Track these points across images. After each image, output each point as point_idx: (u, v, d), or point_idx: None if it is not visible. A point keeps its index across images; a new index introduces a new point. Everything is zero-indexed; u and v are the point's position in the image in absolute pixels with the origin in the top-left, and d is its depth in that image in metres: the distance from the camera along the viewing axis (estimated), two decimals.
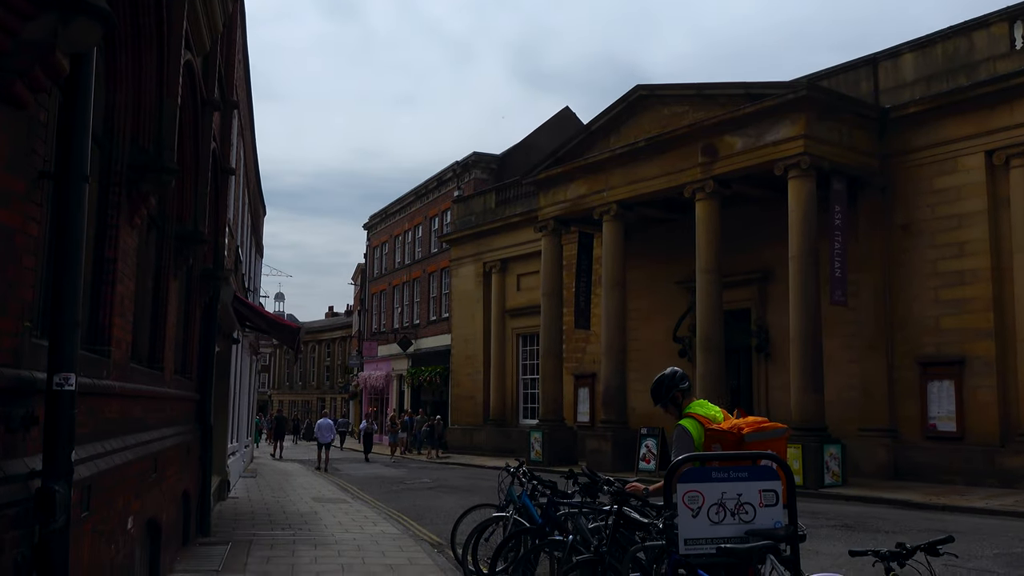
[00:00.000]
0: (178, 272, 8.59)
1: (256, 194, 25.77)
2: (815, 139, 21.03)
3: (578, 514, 7.49)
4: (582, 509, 7.59)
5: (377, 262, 53.06)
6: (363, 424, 38.36)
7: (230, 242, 14.68)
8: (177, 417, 9.36)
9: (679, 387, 6.27)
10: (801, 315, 20.80)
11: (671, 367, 6.55)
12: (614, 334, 25.95)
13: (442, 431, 35.97)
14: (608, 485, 6.52)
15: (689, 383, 6.32)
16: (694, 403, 6.20)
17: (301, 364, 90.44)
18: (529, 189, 34.17)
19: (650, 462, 23.77)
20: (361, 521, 13.77)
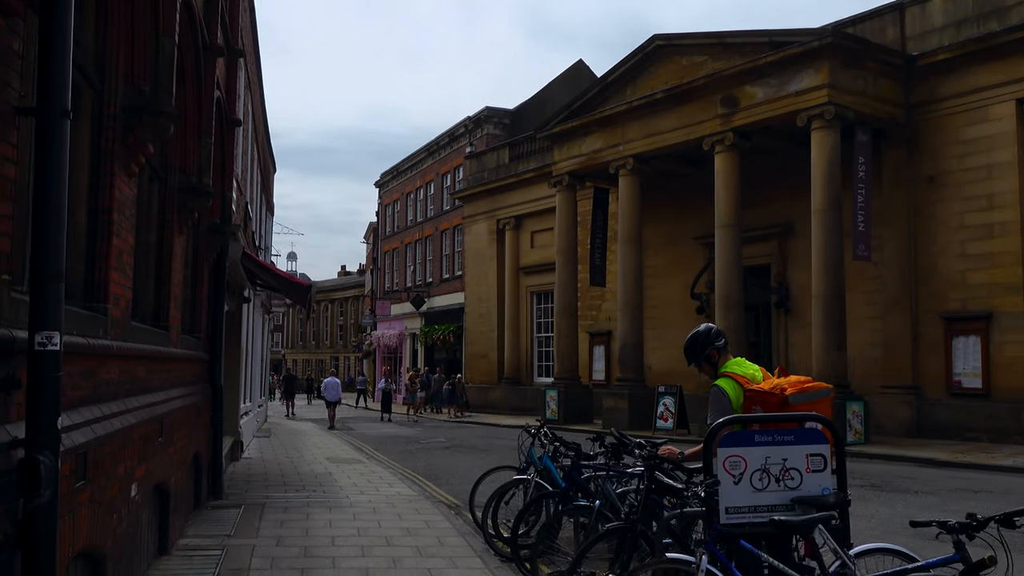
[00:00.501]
0: (183, 227, 8.20)
1: (265, 150, 25.31)
2: (839, 88, 20.37)
3: (605, 478, 7.13)
4: (609, 472, 7.23)
5: (389, 220, 52.61)
6: (381, 383, 37.57)
7: (239, 198, 14.27)
8: (185, 378, 9.03)
9: (714, 344, 5.85)
10: (824, 270, 20.31)
11: (706, 323, 6.12)
12: (630, 291, 25.52)
13: (463, 390, 35.47)
14: (640, 448, 6.13)
15: (725, 340, 5.88)
16: (731, 362, 5.78)
17: (314, 323, 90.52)
18: (543, 144, 33.53)
19: (668, 420, 23.47)
20: (376, 482, 13.51)
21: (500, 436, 24.09)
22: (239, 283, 14.70)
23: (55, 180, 3.45)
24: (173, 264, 7.90)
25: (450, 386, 35.22)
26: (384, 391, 34.96)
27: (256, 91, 19.52)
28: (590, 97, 26.97)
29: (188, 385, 9.15)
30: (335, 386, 31.15)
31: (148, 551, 7.07)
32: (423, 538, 8.81)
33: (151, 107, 5.62)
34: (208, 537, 8.52)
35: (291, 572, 7.19)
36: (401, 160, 49.65)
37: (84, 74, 5.09)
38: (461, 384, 35.60)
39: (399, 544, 8.48)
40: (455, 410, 34.27)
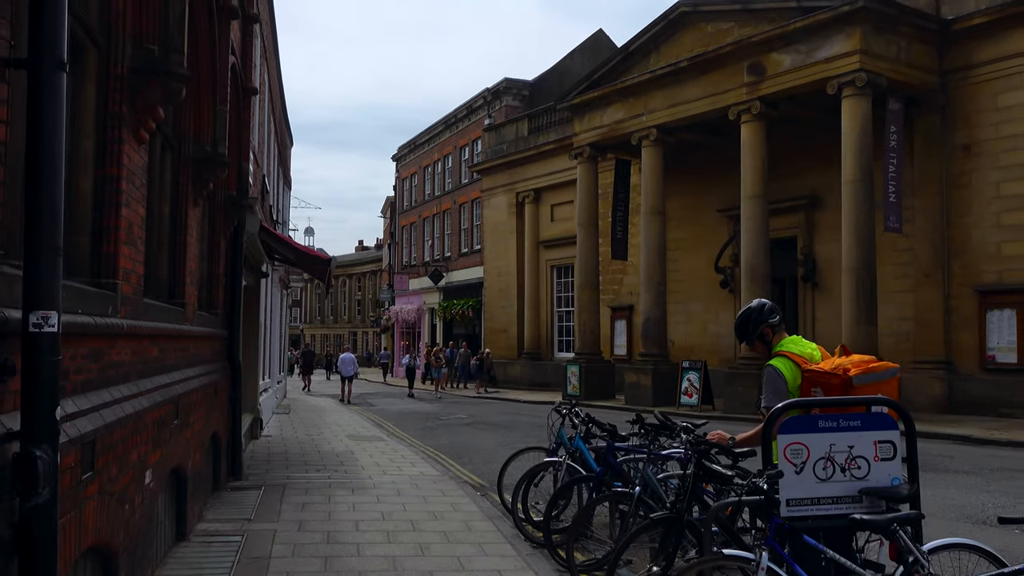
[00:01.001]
0: (198, 199, 7.83)
1: (282, 123, 24.90)
2: (871, 54, 19.71)
3: (646, 462, 6.74)
4: (650, 456, 6.84)
5: (406, 194, 52.18)
6: (405, 358, 36.57)
7: (256, 170, 13.89)
8: (203, 356, 8.70)
9: (768, 321, 5.40)
10: (854, 243, 19.77)
11: (759, 299, 5.68)
12: (654, 264, 25.04)
13: (491, 364, 34.62)
14: (686, 432, 5.72)
15: (781, 317, 5.43)
16: (787, 340, 5.34)
17: (332, 298, 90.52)
18: (563, 115, 32.96)
19: (692, 396, 23.07)
20: (399, 461, 13.21)
21: (522, 412, 23.79)
22: (257, 258, 14.36)
23: (50, 139, 3.07)
24: (188, 238, 7.54)
25: (478, 361, 34.54)
26: (408, 367, 34.14)
27: (272, 62, 19.08)
28: (612, 66, 26.37)
29: (206, 364, 8.83)
30: (351, 361, 31.32)
31: (165, 538, 6.76)
32: (450, 522, 8.47)
33: (161, 68, 5.22)
34: (228, 521, 8.22)
35: (314, 561, 6.87)
36: (418, 133, 49.14)
37: (88, 32, 4.70)
38: (489, 359, 34.72)
39: (425, 529, 8.15)
40: (482, 385, 33.59)
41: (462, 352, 36.92)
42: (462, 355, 36.67)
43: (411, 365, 34.27)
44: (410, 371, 33.86)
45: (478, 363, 34.30)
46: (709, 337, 27.04)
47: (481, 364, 34.18)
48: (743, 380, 21.51)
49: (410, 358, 35.31)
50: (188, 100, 7.54)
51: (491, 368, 34.33)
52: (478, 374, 33.99)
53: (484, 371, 33.95)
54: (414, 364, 34.71)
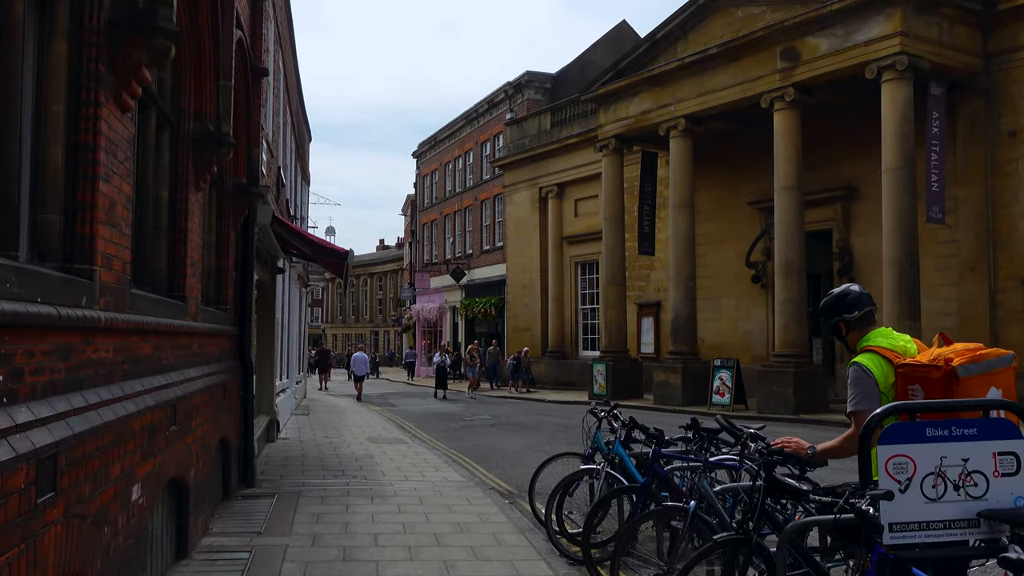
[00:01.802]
0: (200, 182, 7.14)
1: (299, 117, 24.28)
2: (913, 36, 18.81)
3: (701, 472, 5.98)
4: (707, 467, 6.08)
5: (427, 191, 51.54)
6: (436, 357, 34.02)
7: (270, 160, 13.24)
8: (209, 355, 8.03)
9: (843, 315, 4.63)
10: (896, 234, 18.86)
11: (846, 284, 4.89)
12: (683, 259, 24.20)
13: (528, 364, 32.74)
14: (754, 440, 4.96)
15: (867, 310, 4.62)
16: (874, 332, 4.57)
17: (353, 297, 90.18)
18: (587, 108, 32.18)
19: (724, 395, 22.22)
20: (421, 465, 12.51)
21: (547, 413, 23.05)
22: (271, 252, 13.71)
23: None
24: (189, 224, 6.86)
25: (514, 360, 32.78)
26: (439, 366, 32.15)
27: (288, 51, 18.45)
28: (638, 55, 25.56)
29: (212, 363, 8.16)
30: (363, 361, 32.97)
31: (163, 556, 6.08)
32: (477, 536, 7.75)
33: (146, 22, 4.52)
34: (235, 535, 7.54)
35: None
36: (439, 129, 48.46)
37: None
38: (527, 358, 32.92)
39: (451, 544, 7.42)
40: (520, 385, 31.96)
41: (491, 350, 35.27)
42: (491, 353, 35.01)
43: (442, 364, 32.27)
44: (441, 370, 31.78)
45: (515, 362, 32.71)
46: (740, 334, 26.18)
47: (518, 363, 32.44)
48: (777, 379, 20.67)
49: (440, 357, 33.33)
50: (187, 72, 6.86)
51: (529, 368, 32.63)
52: (516, 373, 32.28)
53: (521, 370, 32.27)
54: (445, 363, 32.68)
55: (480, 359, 33.99)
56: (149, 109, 6.03)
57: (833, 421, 19.06)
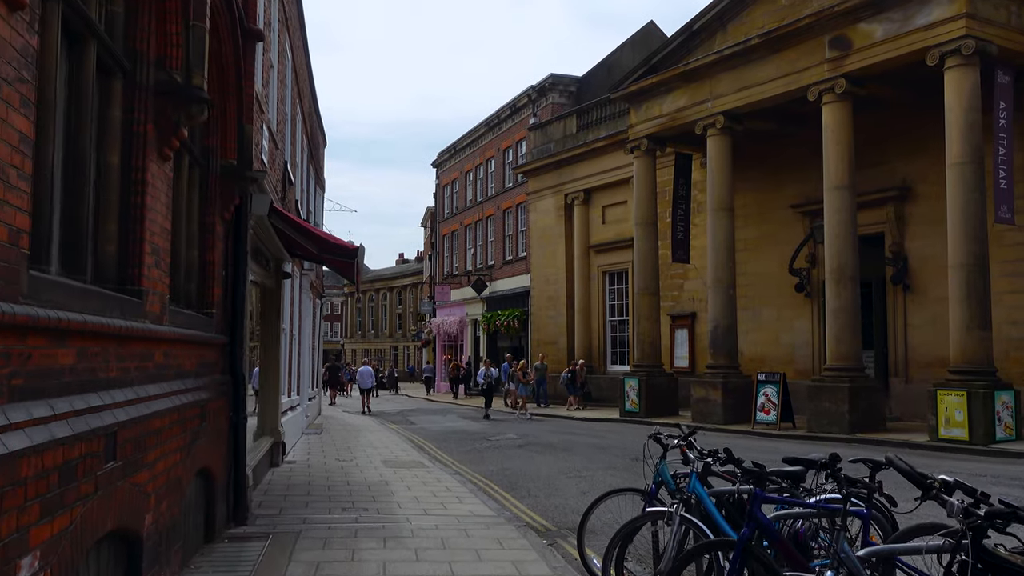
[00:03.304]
0: (165, 148, 5.64)
1: (313, 118, 22.87)
2: (979, 19, 17.17)
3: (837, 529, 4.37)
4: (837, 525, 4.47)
5: (447, 201, 50.08)
6: (481, 371, 29.97)
7: (272, 150, 11.76)
8: (183, 367, 6.51)
9: None
10: (963, 235, 17.14)
11: None
12: (723, 266, 22.52)
13: (585, 378, 29.61)
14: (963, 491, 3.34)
15: None
16: None
17: (372, 312, 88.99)
18: (615, 110, 30.68)
19: (770, 413, 20.48)
20: (442, 495, 10.92)
21: (577, 431, 21.41)
22: (274, 252, 12.21)
23: None
24: (148, 200, 5.34)
25: (569, 374, 29.66)
26: (487, 382, 28.22)
27: (297, 37, 17.03)
28: (672, 49, 23.99)
29: (187, 378, 6.63)
30: (369, 374, 34.39)
31: None
32: None
33: None
34: None
35: None
36: (459, 138, 47.02)
37: None
38: (583, 372, 29.78)
39: None
40: (577, 401, 29.00)
41: (537, 365, 31.50)
42: (538, 369, 31.24)
43: (489, 381, 28.33)
44: (489, 389, 28.14)
45: (570, 376, 29.58)
46: (782, 347, 24.45)
47: (573, 377, 29.42)
48: (830, 394, 18.94)
49: (486, 371, 29.09)
50: (145, 4, 5.36)
51: (585, 382, 29.51)
52: (571, 388, 29.31)
53: (577, 385, 29.25)
54: (492, 378, 28.71)
55: (534, 374, 30.58)
56: (86, 42, 4.53)
57: (893, 442, 17.32)
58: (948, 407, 16.63)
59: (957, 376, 16.87)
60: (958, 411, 16.46)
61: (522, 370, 29.00)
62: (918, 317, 21.10)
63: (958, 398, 16.47)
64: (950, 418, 16.58)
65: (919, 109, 20.58)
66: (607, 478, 12.87)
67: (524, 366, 29.57)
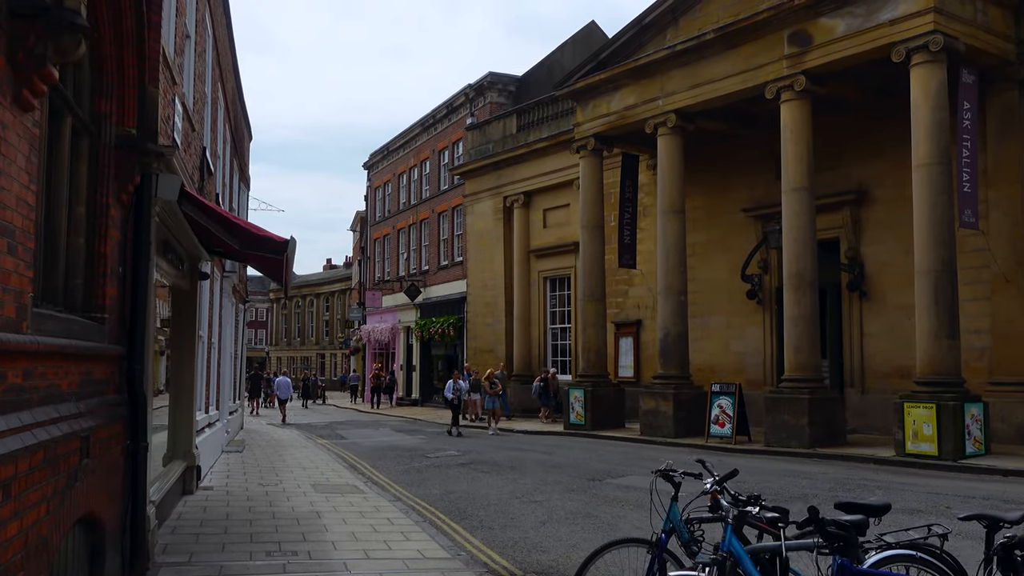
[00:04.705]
0: (24, 89, 4.11)
1: (237, 107, 21.06)
2: (946, 14, 16.42)
3: None
4: None
5: (379, 204, 48.30)
6: (449, 384, 25.59)
7: (186, 128, 10.14)
8: (53, 389, 4.96)
9: None
10: (930, 239, 16.35)
11: None
12: (673, 271, 21.47)
13: (557, 388, 26.59)
14: None
15: None
16: None
17: (299, 319, 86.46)
18: (557, 110, 29.54)
19: (724, 426, 19.46)
20: (384, 530, 9.44)
21: (523, 447, 20.06)
22: (189, 248, 10.56)
23: None
24: None
25: (541, 383, 27.20)
26: (456, 396, 24.89)
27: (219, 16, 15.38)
28: (621, 44, 22.90)
29: (62, 402, 5.08)
30: (286, 385, 34.39)
31: None
32: None
33: None
34: None
35: None
36: (392, 138, 45.31)
37: None
38: (555, 381, 27.15)
39: None
40: (550, 412, 26.72)
41: (498, 374, 27.80)
42: (500, 377, 27.68)
43: (459, 395, 25.12)
44: (458, 403, 24.97)
45: (542, 385, 27.14)
46: (732, 356, 23.53)
47: (546, 387, 26.94)
48: (789, 406, 17.99)
49: (454, 384, 25.34)
50: None
51: (557, 392, 26.46)
52: (545, 399, 26.92)
53: (551, 395, 26.74)
54: (461, 392, 25.38)
55: (478, 386, 26.80)
56: None
57: (857, 457, 16.45)
58: (916, 420, 15.77)
59: (925, 388, 16.05)
60: (926, 425, 15.62)
61: (489, 380, 26.00)
62: (875, 325, 20.36)
63: (927, 411, 15.62)
64: (918, 432, 15.73)
65: (877, 111, 19.92)
66: (566, 503, 11.57)
67: (491, 375, 26.49)
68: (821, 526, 4.08)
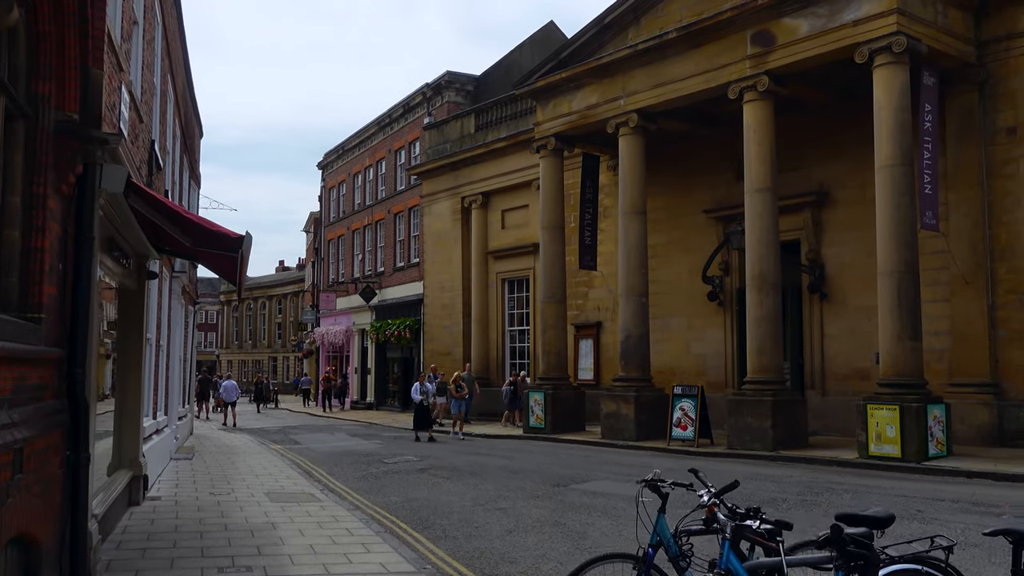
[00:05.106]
0: None
1: (187, 101, 20.35)
2: (909, 16, 16.40)
3: None
4: None
5: (334, 204, 47.53)
6: (416, 386, 23.92)
7: (133, 118, 9.58)
8: None
9: None
10: (893, 241, 16.31)
11: None
12: (635, 272, 21.25)
13: (526, 392, 24.79)
14: None
15: None
16: None
17: (251, 321, 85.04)
18: (516, 110, 29.25)
19: (687, 429, 19.24)
20: (344, 541, 8.99)
21: (481, 451, 19.67)
22: (136, 246, 9.99)
23: None
24: None
25: (511, 387, 26.44)
26: (421, 403, 23.35)
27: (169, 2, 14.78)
28: (582, 43, 22.63)
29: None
30: (233, 388, 33.92)
31: None
32: None
33: None
34: None
35: None
36: (348, 137, 44.62)
37: None
38: (524, 383, 26.23)
39: None
40: (518, 416, 25.72)
41: (464, 375, 26.95)
42: (465, 379, 26.61)
43: (425, 399, 23.48)
44: (422, 408, 23.40)
45: (511, 389, 26.37)
46: (693, 358, 23.39)
47: (515, 391, 26.03)
48: (752, 409, 17.84)
49: (421, 387, 23.67)
50: None
51: (526, 395, 24.80)
52: (514, 403, 26.03)
53: (519, 398, 25.51)
54: (429, 395, 23.80)
55: (443, 389, 25.48)
56: None
57: (820, 459, 16.34)
58: (879, 422, 15.70)
59: (888, 389, 15.99)
60: (890, 427, 15.55)
61: (455, 383, 24.87)
62: (835, 327, 20.34)
63: (890, 412, 15.56)
64: (881, 434, 15.66)
65: (838, 113, 19.94)
66: (531, 510, 11.21)
67: (458, 378, 25.31)
68: (842, 544, 3.77)
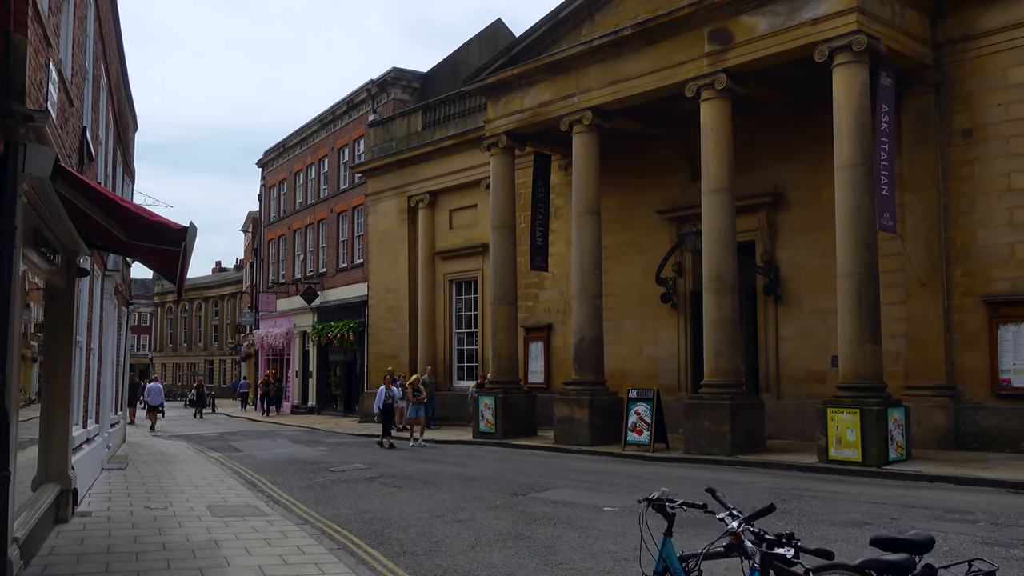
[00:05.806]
0: None
1: (121, 90, 19.26)
2: (869, 15, 16.23)
3: None
4: None
5: (274, 204, 46.30)
6: (381, 390, 23.27)
7: (62, 99, 8.74)
8: None
9: None
10: (853, 243, 16.10)
11: None
12: (589, 273, 20.79)
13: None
14: None
15: None
16: None
17: (186, 324, 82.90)
18: (464, 107, 28.62)
19: (642, 433, 18.81)
20: (295, 560, 8.28)
21: (433, 458, 19.00)
22: (65, 239, 9.13)
23: None
24: None
25: (476, 389, 25.00)
26: (386, 405, 22.75)
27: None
28: (535, 39, 22.10)
29: None
30: (158, 391, 34.06)
31: None
32: None
33: None
34: None
35: None
36: (289, 135, 43.48)
37: None
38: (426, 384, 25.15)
39: None
40: None
41: (425, 379, 25.96)
42: (427, 384, 25.53)
43: (389, 402, 22.89)
44: (388, 410, 22.76)
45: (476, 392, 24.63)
46: (645, 361, 23.03)
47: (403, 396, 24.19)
48: (709, 413, 17.51)
49: (386, 391, 23.02)
50: None
51: None
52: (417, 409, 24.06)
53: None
54: (394, 398, 23.10)
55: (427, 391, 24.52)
56: None
57: (780, 464, 16.08)
58: (839, 426, 15.47)
59: (848, 393, 15.76)
60: (850, 430, 15.32)
61: (413, 387, 23.31)
62: (789, 329, 20.15)
63: (850, 416, 15.33)
64: (841, 438, 15.42)
65: (794, 113, 19.79)
66: (493, 522, 10.62)
67: (416, 382, 23.78)
68: None
